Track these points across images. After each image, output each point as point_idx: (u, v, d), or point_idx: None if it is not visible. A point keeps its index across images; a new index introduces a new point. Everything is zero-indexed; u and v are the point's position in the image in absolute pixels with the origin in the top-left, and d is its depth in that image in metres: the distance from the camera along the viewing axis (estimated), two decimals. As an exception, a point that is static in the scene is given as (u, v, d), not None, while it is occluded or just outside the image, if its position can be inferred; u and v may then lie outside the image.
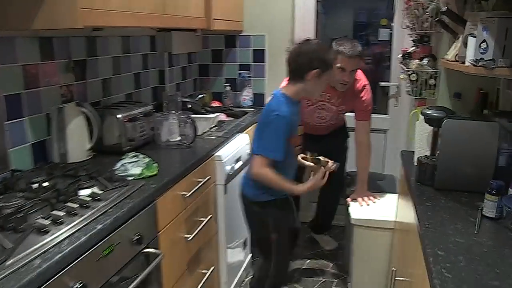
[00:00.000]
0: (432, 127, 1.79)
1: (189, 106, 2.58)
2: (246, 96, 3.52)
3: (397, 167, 3.54)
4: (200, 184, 2.14)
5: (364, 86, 2.73)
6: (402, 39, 3.31)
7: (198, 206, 2.19)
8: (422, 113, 1.76)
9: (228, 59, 3.62)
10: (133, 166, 1.87)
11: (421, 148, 1.96)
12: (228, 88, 3.56)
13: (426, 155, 1.80)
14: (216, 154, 2.39)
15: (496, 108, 1.95)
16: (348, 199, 2.71)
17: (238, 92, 3.57)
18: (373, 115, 3.51)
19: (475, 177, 1.62)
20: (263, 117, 2.00)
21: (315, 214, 3.43)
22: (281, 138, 1.92)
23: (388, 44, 3.47)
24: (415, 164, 2.00)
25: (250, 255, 3.02)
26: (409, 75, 2.22)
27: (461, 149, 1.60)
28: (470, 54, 1.51)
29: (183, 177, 2.00)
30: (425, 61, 2.22)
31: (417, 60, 2.23)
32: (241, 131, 2.85)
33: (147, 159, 1.94)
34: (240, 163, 2.63)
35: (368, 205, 2.59)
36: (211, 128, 2.73)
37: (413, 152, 2.13)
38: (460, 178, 1.64)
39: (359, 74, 2.71)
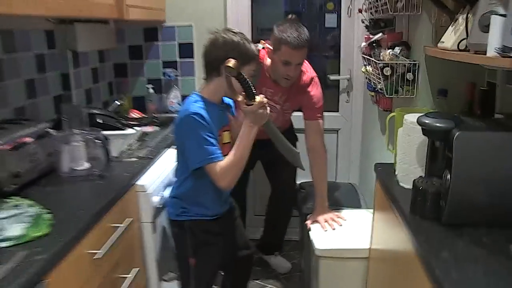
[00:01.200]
0: (428, 139, 1.34)
1: (99, 120, 1.98)
2: (174, 99, 2.94)
3: (354, 174, 3.15)
4: (117, 233, 1.56)
5: (311, 79, 2.29)
6: (351, 25, 2.90)
7: (118, 261, 1.62)
8: (419, 123, 1.30)
9: (149, 56, 3.02)
10: (11, 223, 1.26)
11: (408, 164, 1.51)
12: (151, 90, 2.97)
13: (422, 178, 1.36)
14: (138, 183, 1.82)
15: (490, 109, 1.54)
16: (308, 222, 2.24)
17: (164, 95, 2.99)
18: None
19: (498, 208, 1.19)
20: (176, 127, 1.70)
21: (263, 231, 2.95)
22: (207, 137, 1.61)
23: (333, 31, 3.03)
24: (401, 185, 1.55)
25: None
26: (381, 68, 1.78)
27: (481, 171, 1.17)
28: (496, 40, 1.06)
29: (91, 228, 1.42)
30: (397, 50, 1.79)
31: (389, 50, 1.79)
32: (169, 145, 2.29)
33: (34, 209, 1.35)
34: (171, 188, 2.08)
35: (333, 229, 2.12)
36: (131, 146, 2.14)
37: (392, 167, 1.69)
38: (479, 209, 1.20)
39: (305, 65, 2.26)
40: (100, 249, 1.42)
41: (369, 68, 2.06)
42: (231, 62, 1.53)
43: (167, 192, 2.01)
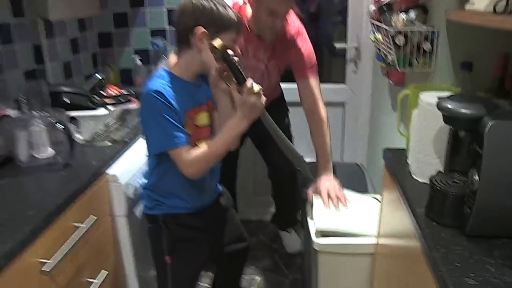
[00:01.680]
0: (451, 128, 1.07)
1: (66, 99, 1.72)
2: (163, 71, 2.67)
3: (361, 153, 2.89)
4: (77, 234, 1.33)
5: (298, 31, 1.99)
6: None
7: (82, 265, 1.40)
8: (440, 108, 1.03)
9: (136, 24, 2.73)
10: None
11: (423, 154, 1.25)
12: (138, 62, 2.70)
13: (441, 174, 1.09)
14: (110, 172, 1.58)
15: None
16: (309, 192, 2.00)
17: (153, 67, 2.71)
18: (326, 85, 2.82)
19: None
20: (140, 107, 1.47)
21: (275, 207, 2.77)
22: (168, 118, 1.36)
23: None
24: (415, 178, 1.29)
25: None
26: (392, 36, 1.48)
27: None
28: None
29: (44, 230, 1.19)
30: (412, 14, 1.49)
31: (402, 15, 1.49)
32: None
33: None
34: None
35: (337, 209, 1.86)
36: (108, 127, 1.90)
37: (405, 153, 1.43)
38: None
39: (291, 16, 1.97)
40: (51, 257, 1.20)
41: (378, 35, 1.76)
42: (217, 42, 1.32)
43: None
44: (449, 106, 1.00)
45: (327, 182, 1.98)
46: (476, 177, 0.94)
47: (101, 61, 2.79)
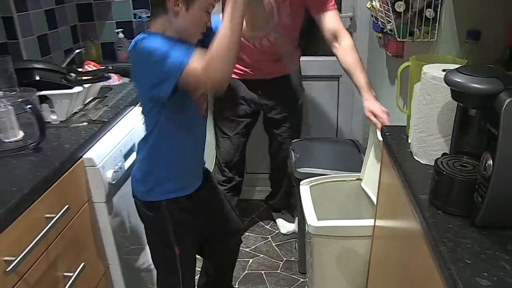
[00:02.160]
0: (460, 105, 0.95)
1: (37, 76, 1.58)
2: (148, 45, 2.51)
3: (357, 129, 2.78)
4: (53, 223, 1.22)
5: None
6: None
7: (57, 258, 1.29)
8: (448, 82, 0.90)
9: (117, -6, 2.56)
10: None
11: (426, 134, 1.13)
12: (121, 35, 2.55)
13: (448, 157, 0.97)
14: (86, 156, 1.46)
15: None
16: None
17: (137, 41, 2.56)
18: (319, 58, 2.69)
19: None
20: (131, 64, 1.30)
21: (271, 188, 2.71)
22: (171, 42, 1.21)
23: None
24: (417, 159, 1.18)
25: None
26: (392, 2, 1.34)
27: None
28: None
29: (8, 225, 1.08)
30: (413, -23, 1.35)
31: (402, -22, 1.34)
32: (135, 101, 1.91)
33: None
34: (134, 156, 1.72)
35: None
36: (86, 105, 1.76)
37: (405, 132, 1.32)
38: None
39: None
40: (19, 255, 1.08)
41: (375, 3, 1.62)
42: None
43: (127, 164, 1.66)
44: (459, 80, 0.87)
45: (377, 104, 1.70)
46: (490, 162, 0.82)
47: (82, 35, 2.63)
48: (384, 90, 2.12)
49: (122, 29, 2.54)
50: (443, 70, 1.08)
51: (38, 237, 1.16)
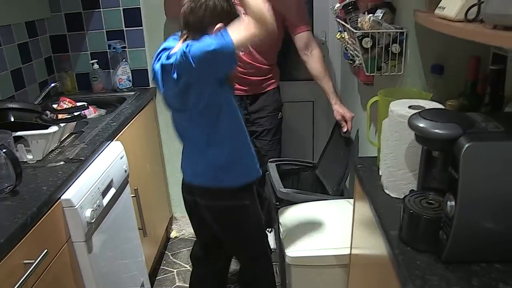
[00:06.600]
0: (424, 147, 0.99)
1: (12, 117, 1.58)
2: (122, 75, 2.53)
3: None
4: (31, 269, 1.22)
5: None
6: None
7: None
8: (412, 127, 0.94)
9: (91, 26, 2.57)
10: None
11: (395, 169, 1.17)
12: (96, 66, 2.56)
13: (415, 194, 1.02)
14: (63, 197, 1.46)
15: (496, 92, 1.19)
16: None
17: (112, 71, 2.57)
18: (294, 83, 2.74)
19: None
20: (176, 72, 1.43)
21: None
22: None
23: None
24: (387, 193, 1.22)
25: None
26: (359, 38, 1.39)
27: (500, 196, 0.83)
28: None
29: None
30: (378, 14, 1.40)
31: (369, 15, 1.40)
32: (112, 136, 1.92)
33: None
34: (112, 191, 1.73)
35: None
36: (62, 143, 1.77)
37: (376, 163, 1.36)
38: (493, 244, 0.88)
39: None
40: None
41: (344, 34, 1.68)
42: None
43: (105, 201, 1.67)
44: (422, 125, 0.92)
45: (344, 109, 2.13)
46: (453, 203, 0.86)
47: (57, 67, 2.63)
48: (358, 113, 2.18)
49: (97, 60, 2.56)
50: (410, 107, 1.14)
51: (17, 285, 1.15)
